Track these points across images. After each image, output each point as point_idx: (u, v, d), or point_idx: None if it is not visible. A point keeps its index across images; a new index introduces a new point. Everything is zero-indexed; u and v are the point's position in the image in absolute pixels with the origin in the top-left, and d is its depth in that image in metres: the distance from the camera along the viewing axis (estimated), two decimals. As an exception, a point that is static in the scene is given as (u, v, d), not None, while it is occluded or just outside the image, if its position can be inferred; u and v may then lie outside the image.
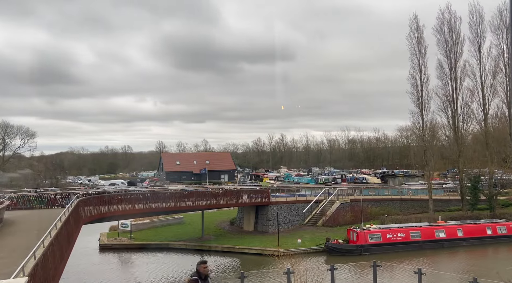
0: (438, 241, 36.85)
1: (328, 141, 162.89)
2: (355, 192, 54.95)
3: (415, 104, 47.20)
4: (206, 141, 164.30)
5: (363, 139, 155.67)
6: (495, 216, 43.62)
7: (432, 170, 51.04)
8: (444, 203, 50.61)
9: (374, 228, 36.78)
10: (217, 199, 42.46)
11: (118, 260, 37.12)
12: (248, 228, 44.86)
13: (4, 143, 78.78)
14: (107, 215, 31.89)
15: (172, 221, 49.21)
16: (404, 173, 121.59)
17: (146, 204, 36.26)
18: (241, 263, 33.69)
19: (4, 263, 12.59)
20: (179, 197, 39.96)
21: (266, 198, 44.55)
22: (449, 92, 47.04)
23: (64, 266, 17.41)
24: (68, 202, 25.81)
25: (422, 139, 48.11)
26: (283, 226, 42.55)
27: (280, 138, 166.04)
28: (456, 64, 46.59)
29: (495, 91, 46.81)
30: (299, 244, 35.83)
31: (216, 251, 37.24)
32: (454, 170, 60.73)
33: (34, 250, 11.85)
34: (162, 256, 36.93)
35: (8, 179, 62.13)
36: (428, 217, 42.91)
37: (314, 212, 46.77)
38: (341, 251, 34.79)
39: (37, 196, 29.63)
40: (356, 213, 42.82)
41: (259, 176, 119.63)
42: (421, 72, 46.90)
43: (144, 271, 32.08)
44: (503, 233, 38.80)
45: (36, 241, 13.21)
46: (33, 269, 11.06)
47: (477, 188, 45.91)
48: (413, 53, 47.31)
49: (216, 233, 44.01)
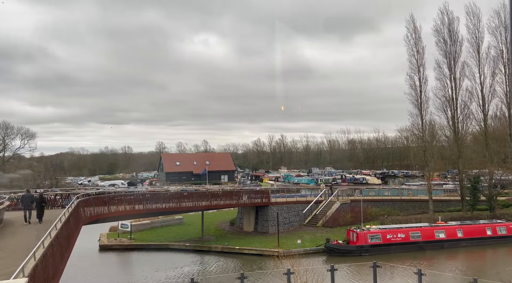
0: (438, 241, 36.86)
1: (328, 142, 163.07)
2: (355, 193, 55.00)
3: (414, 105, 47.28)
4: (206, 141, 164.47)
5: (363, 139, 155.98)
6: (495, 216, 43.65)
7: (432, 171, 51.06)
8: (444, 203, 50.62)
9: (374, 228, 36.79)
10: (217, 199, 42.44)
11: (118, 260, 37.14)
12: (248, 229, 44.87)
13: (4, 144, 78.81)
14: (107, 215, 31.88)
15: (172, 221, 49.23)
16: (404, 173, 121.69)
17: (146, 205, 36.23)
18: (241, 264, 33.69)
19: (4, 263, 12.60)
20: (179, 197, 39.93)
21: (266, 198, 44.56)
22: (448, 92, 47.11)
23: (64, 266, 17.40)
24: (68, 202, 25.85)
25: (421, 139, 48.15)
26: (283, 227, 42.57)
27: (280, 139, 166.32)
28: (455, 65, 46.65)
29: (494, 91, 46.93)
30: (299, 245, 35.84)
31: (216, 251, 37.25)
32: (454, 170, 60.75)
33: (34, 251, 11.85)
34: (162, 256, 36.93)
35: (8, 180, 62.17)
36: (428, 218, 42.94)
37: (314, 212, 46.80)
38: (341, 251, 34.81)
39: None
40: (356, 213, 42.84)
41: (259, 177, 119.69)
42: (420, 73, 46.97)
43: (144, 271, 32.06)
44: (503, 233, 38.81)
45: (36, 241, 13.22)
46: (33, 269, 11.06)
47: (477, 189, 45.94)
48: (411, 54, 47.40)
49: (216, 233, 44.01)
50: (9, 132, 78.64)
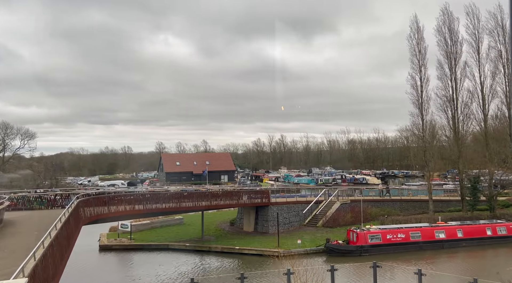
0: (438, 241, 36.85)
1: (328, 142, 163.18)
2: (355, 193, 54.99)
3: (414, 104, 47.29)
4: (205, 141, 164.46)
5: (363, 139, 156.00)
6: (495, 216, 43.64)
7: (432, 171, 51.02)
8: (444, 203, 50.61)
9: (374, 228, 36.79)
10: (217, 199, 42.43)
11: (118, 260, 37.13)
12: (248, 229, 44.87)
13: (4, 144, 78.73)
14: (107, 215, 31.88)
15: (172, 222, 49.22)
16: (404, 173, 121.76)
17: (146, 205, 36.24)
18: (241, 264, 33.68)
19: (4, 263, 12.59)
20: (179, 197, 39.93)
21: (266, 198, 44.55)
22: (449, 92, 47.11)
23: (64, 266, 17.40)
24: (68, 202, 25.85)
25: (422, 139, 48.15)
26: (283, 227, 42.56)
27: (280, 139, 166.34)
28: (456, 65, 46.69)
29: (494, 92, 46.92)
30: (299, 245, 35.85)
31: (216, 251, 37.24)
32: (454, 170, 60.73)
33: (34, 251, 11.85)
34: (162, 257, 36.92)
35: (8, 180, 62.09)
36: (428, 218, 42.92)
37: (314, 212, 46.79)
38: (341, 251, 34.79)
39: (37, 197, 29.60)
40: (356, 213, 42.84)
41: (259, 177, 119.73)
42: (421, 73, 47.00)
43: (144, 272, 32.05)
44: (503, 233, 38.80)
45: (36, 241, 13.21)
46: (33, 269, 11.06)
47: (477, 189, 45.93)
48: (413, 54, 47.41)
49: (216, 233, 44.00)
50: (9, 132, 78.53)
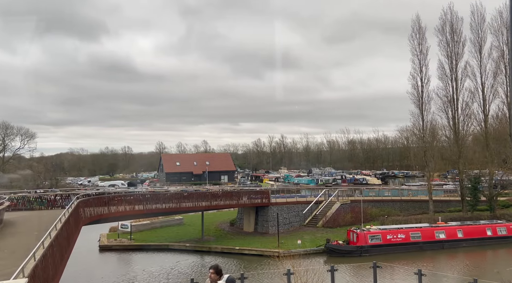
0: (438, 242, 36.84)
1: (328, 142, 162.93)
2: (355, 193, 54.96)
3: (415, 104, 47.28)
4: (205, 141, 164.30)
5: (363, 140, 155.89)
6: (495, 217, 43.60)
7: (432, 171, 50.96)
8: (444, 204, 50.59)
9: (374, 229, 36.78)
10: (217, 200, 42.43)
11: (118, 261, 37.11)
12: (248, 229, 44.84)
13: (4, 144, 78.68)
14: (107, 216, 31.88)
15: (172, 222, 49.19)
16: (404, 174, 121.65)
17: (146, 205, 36.24)
18: (241, 264, 33.66)
19: (4, 264, 12.58)
20: (179, 198, 39.94)
21: (266, 199, 44.52)
22: (449, 93, 47.01)
23: (64, 267, 17.39)
24: (68, 203, 25.81)
25: (422, 140, 48.12)
26: (283, 227, 42.53)
27: (280, 139, 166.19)
28: (457, 65, 46.58)
29: (495, 92, 46.83)
30: (299, 245, 35.84)
31: (216, 252, 37.23)
32: (454, 171, 60.71)
33: (34, 251, 11.83)
34: (162, 257, 36.91)
35: (8, 180, 62.03)
36: (428, 218, 42.91)
37: (314, 213, 46.75)
38: (341, 252, 34.79)
39: (37, 197, 29.55)
40: (356, 214, 42.83)
41: (259, 177, 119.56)
42: (422, 73, 46.98)
43: (144, 272, 32.04)
44: (503, 234, 38.79)
45: (36, 242, 13.19)
46: (33, 270, 11.05)
47: (477, 189, 45.90)
48: (414, 54, 47.40)
49: (216, 234, 43.97)
50: (9, 133, 78.49)
